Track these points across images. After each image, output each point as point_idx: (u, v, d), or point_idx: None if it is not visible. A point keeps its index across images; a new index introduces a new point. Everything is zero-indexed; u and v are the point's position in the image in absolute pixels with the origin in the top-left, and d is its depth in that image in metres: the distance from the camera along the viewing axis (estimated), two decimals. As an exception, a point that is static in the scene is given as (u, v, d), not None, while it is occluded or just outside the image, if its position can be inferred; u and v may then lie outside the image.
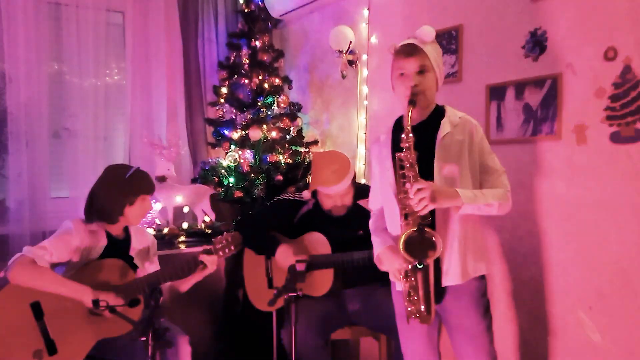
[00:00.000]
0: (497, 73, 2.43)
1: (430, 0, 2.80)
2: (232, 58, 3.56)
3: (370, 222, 2.07)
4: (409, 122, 1.73)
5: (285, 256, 2.47)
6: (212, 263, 2.28)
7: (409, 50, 1.81)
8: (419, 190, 1.66)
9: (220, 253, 2.29)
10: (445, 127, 1.82)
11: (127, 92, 3.48)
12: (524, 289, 2.35)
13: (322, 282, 2.49)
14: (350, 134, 3.38)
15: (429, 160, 1.77)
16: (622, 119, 2.00)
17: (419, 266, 1.67)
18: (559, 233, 2.23)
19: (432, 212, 1.74)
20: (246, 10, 3.55)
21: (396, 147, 1.82)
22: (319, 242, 2.53)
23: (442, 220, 1.79)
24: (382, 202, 1.98)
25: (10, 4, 3.04)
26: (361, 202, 2.61)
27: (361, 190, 2.64)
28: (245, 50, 3.49)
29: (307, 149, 3.52)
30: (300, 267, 1.97)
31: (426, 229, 1.69)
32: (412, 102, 1.76)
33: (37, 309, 2.06)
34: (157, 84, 3.58)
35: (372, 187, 2.08)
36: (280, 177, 3.32)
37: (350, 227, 2.56)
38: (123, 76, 3.53)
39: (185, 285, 2.35)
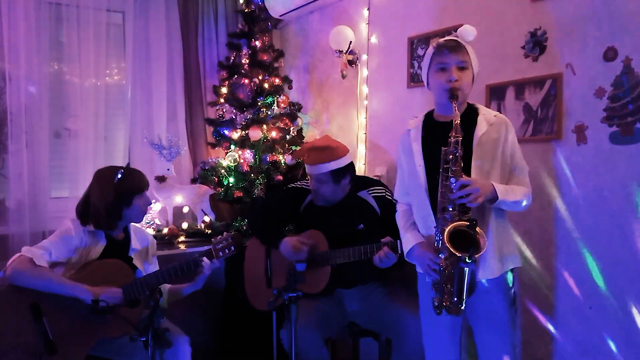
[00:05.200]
0: (497, 73, 2.43)
1: (430, 0, 2.80)
2: (232, 58, 3.56)
3: (398, 217, 2.09)
4: (458, 118, 1.76)
5: (288, 247, 2.46)
6: (212, 265, 2.28)
7: (453, 46, 1.85)
8: (464, 186, 1.70)
9: (220, 253, 2.28)
10: (482, 125, 1.87)
11: (127, 92, 3.48)
12: (524, 289, 2.35)
13: (319, 279, 2.49)
14: (350, 134, 3.38)
15: (464, 156, 1.80)
16: (622, 119, 2.00)
17: (467, 261, 1.67)
18: (559, 233, 2.23)
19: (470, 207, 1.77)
20: (246, 10, 3.55)
21: (427, 142, 1.90)
22: (317, 239, 2.53)
23: (479, 214, 1.81)
24: (411, 196, 2.00)
25: (11, 4, 3.04)
26: (362, 194, 2.59)
27: (362, 182, 2.63)
28: (245, 50, 3.49)
29: (307, 149, 3.53)
30: (301, 267, 1.97)
31: (477, 228, 1.70)
32: (454, 96, 1.79)
33: (36, 310, 2.06)
34: (157, 84, 3.59)
35: (399, 179, 2.09)
36: (280, 177, 3.32)
37: (352, 219, 2.54)
38: (123, 76, 3.53)
39: (188, 289, 2.35)
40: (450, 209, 1.75)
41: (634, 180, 1.98)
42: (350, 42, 3.17)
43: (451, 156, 1.75)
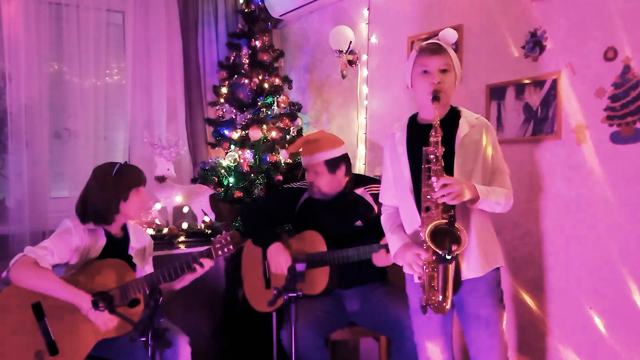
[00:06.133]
0: (497, 73, 2.43)
1: (430, 0, 2.80)
2: (232, 58, 3.56)
3: (383, 220, 2.10)
4: (438, 118, 1.80)
5: (275, 254, 2.46)
6: (209, 264, 2.28)
7: (435, 49, 1.88)
8: (445, 185, 1.72)
9: (220, 253, 2.28)
10: (464, 127, 1.90)
11: (127, 92, 3.48)
12: (524, 289, 2.35)
13: (318, 280, 2.49)
14: (350, 134, 3.38)
15: (447, 157, 1.82)
16: (622, 119, 2.00)
17: (447, 257, 1.69)
18: (559, 233, 2.23)
19: (453, 206, 1.79)
20: (246, 10, 3.55)
21: (411, 144, 1.92)
22: (314, 240, 2.53)
23: (461, 214, 1.84)
24: (397, 198, 2.02)
25: (11, 3, 3.04)
26: (359, 191, 2.59)
27: (359, 180, 2.64)
28: (245, 50, 3.49)
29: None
30: (300, 267, 1.97)
31: (456, 224, 1.73)
32: (436, 98, 1.81)
33: (38, 310, 2.06)
34: (157, 84, 3.59)
35: (384, 182, 2.11)
36: (280, 177, 3.33)
37: (349, 216, 2.55)
38: (123, 76, 3.53)
39: (179, 284, 2.35)
40: (434, 208, 1.78)
41: (634, 180, 1.98)
42: (350, 42, 3.17)
43: (432, 156, 1.78)
